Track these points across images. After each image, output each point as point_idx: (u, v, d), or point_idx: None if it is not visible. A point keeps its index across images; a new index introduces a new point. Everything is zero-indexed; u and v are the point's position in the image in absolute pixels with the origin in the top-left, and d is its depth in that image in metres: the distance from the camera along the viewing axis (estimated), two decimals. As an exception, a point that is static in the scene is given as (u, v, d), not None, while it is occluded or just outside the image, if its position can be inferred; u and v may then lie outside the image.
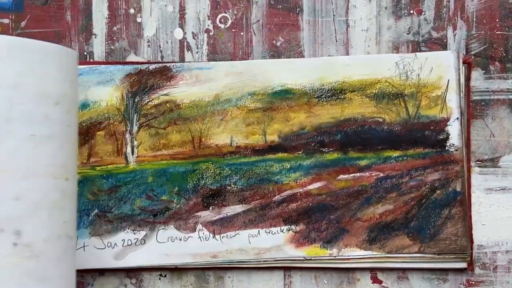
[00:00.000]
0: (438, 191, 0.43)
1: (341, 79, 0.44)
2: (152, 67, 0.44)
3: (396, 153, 0.43)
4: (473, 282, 0.44)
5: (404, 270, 0.44)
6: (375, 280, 0.44)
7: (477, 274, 0.44)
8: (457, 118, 0.43)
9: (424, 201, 0.43)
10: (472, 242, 0.43)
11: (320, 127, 0.44)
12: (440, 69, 0.43)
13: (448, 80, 0.43)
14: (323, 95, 0.44)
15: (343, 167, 0.44)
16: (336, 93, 0.44)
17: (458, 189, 0.43)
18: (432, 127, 0.43)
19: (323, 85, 0.44)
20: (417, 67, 0.43)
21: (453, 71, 0.43)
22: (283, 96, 0.44)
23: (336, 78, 0.44)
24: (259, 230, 0.43)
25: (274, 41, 0.45)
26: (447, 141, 0.43)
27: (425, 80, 0.43)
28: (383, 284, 0.44)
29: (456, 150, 0.43)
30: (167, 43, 0.46)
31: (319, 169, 0.44)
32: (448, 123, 0.43)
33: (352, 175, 0.43)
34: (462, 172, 0.43)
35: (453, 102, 0.43)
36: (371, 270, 0.44)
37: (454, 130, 0.43)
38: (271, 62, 0.44)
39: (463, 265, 0.43)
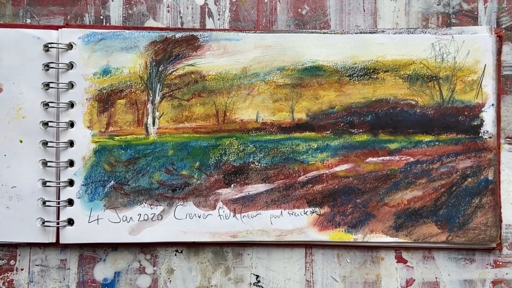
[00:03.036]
0: (470, 179, 0.39)
1: (374, 58, 0.39)
2: (178, 35, 0.39)
3: (427, 138, 0.39)
4: (500, 263, 0.40)
5: (430, 249, 0.40)
6: (400, 259, 0.40)
7: (505, 255, 0.40)
8: (493, 104, 0.39)
9: (455, 189, 0.39)
10: (500, 221, 0.40)
11: (350, 107, 0.40)
12: (477, 53, 0.39)
13: (485, 65, 0.39)
14: (355, 73, 0.40)
15: (372, 150, 0.39)
16: (369, 73, 0.39)
17: (490, 177, 0.39)
18: (466, 112, 0.39)
19: (355, 63, 0.40)
20: (453, 50, 0.39)
21: (491, 56, 0.39)
22: (313, 73, 0.40)
23: (370, 57, 0.39)
24: (281, 211, 0.39)
25: (299, 10, 0.41)
26: (481, 128, 0.39)
27: (461, 64, 0.39)
28: (408, 264, 0.40)
29: (490, 137, 0.39)
30: (187, 8, 0.41)
31: (347, 150, 0.39)
32: (483, 109, 0.39)
33: (381, 158, 0.39)
34: (494, 160, 0.39)
35: (489, 88, 0.39)
36: (396, 249, 0.40)
37: (488, 116, 0.39)
38: (302, 36, 0.40)
39: (492, 244, 0.39)
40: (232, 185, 0.39)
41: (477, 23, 0.41)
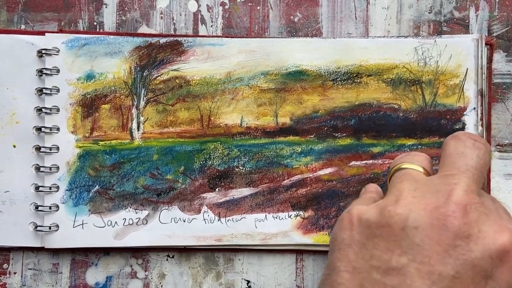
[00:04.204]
0: None
1: (358, 63, 0.39)
2: (162, 40, 0.38)
3: (410, 141, 0.38)
4: None
5: None
6: (390, 264, 0.39)
7: None
8: (474, 108, 0.38)
9: None
10: None
11: (334, 111, 0.39)
12: (460, 57, 0.38)
13: (467, 69, 0.38)
14: (338, 78, 0.39)
15: (355, 153, 0.38)
16: (352, 77, 0.39)
17: None
18: (448, 116, 0.38)
19: (339, 67, 0.39)
20: (436, 54, 0.38)
21: (473, 60, 0.38)
22: (297, 77, 0.39)
23: (353, 61, 0.39)
24: (266, 215, 0.38)
25: (291, 17, 0.40)
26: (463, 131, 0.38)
27: (443, 68, 0.38)
28: (393, 269, 0.39)
29: None
30: (180, 15, 0.40)
31: (331, 154, 0.38)
32: (464, 113, 0.38)
33: (364, 162, 0.38)
34: None
35: (471, 92, 0.38)
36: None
37: (470, 120, 0.38)
38: (286, 41, 0.39)
39: None
40: (216, 189, 0.38)
41: (469, 31, 0.40)
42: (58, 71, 0.38)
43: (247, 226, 0.38)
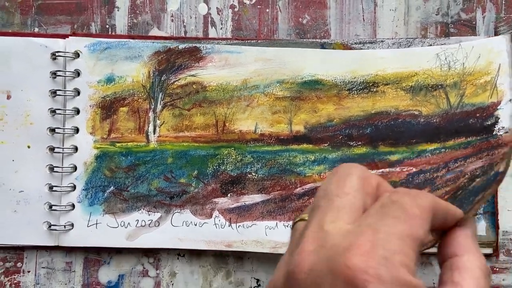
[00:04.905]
0: (478, 179, 0.36)
1: (374, 72, 0.38)
2: (181, 46, 0.39)
3: (432, 146, 0.37)
4: (497, 269, 0.38)
5: (428, 255, 0.38)
6: (398, 266, 0.38)
7: (502, 261, 0.38)
8: (510, 100, 0.36)
9: (460, 193, 0.36)
10: (497, 228, 0.38)
11: (349, 120, 0.38)
12: (490, 54, 0.37)
13: (500, 64, 0.37)
14: (354, 87, 0.38)
15: (371, 162, 0.37)
16: (368, 86, 0.38)
17: (501, 169, 0.35)
18: (478, 114, 0.37)
19: (355, 77, 0.38)
20: (461, 57, 0.37)
21: (506, 55, 0.37)
22: (312, 87, 0.38)
23: (369, 71, 0.38)
24: (277, 223, 0.38)
25: (300, 19, 0.40)
26: (496, 125, 0.36)
27: (471, 68, 0.37)
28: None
29: (506, 132, 0.36)
30: (191, 18, 0.41)
31: (346, 163, 0.37)
32: (498, 107, 0.36)
33: (381, 170, 0.37)
34: (509, 152, 0.35)
35: (505, 85, 0.37)
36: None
37: (505, 113, 0.36)
38: (302, 51, 0.39)
39: (489, 251, 0.37)
40: (228, 195, 0.38)
41: (475, 33, 0.40)
42: (78, 74, 0.39)
43: (257, 233, 0.37)
